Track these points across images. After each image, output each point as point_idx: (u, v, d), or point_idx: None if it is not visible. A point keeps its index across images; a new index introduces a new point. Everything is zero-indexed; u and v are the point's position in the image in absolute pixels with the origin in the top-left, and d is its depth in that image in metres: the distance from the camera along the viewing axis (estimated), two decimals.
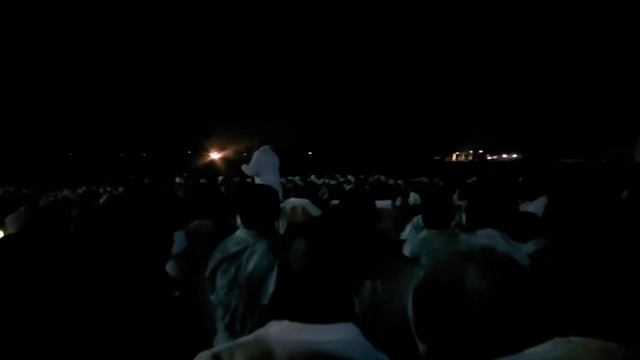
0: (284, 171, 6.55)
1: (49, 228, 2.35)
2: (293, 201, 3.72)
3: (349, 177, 11.36)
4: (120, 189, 10.86)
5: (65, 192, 11.72)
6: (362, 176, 11.91)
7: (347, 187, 8.08)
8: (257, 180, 6.02)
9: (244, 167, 6.26)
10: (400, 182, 10.72)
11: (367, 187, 6.62)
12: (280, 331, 0.97)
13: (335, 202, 3.82)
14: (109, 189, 11.84)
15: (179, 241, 2.38)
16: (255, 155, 6.16)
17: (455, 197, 5.28)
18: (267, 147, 6.20)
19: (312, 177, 12.42)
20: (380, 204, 3.94)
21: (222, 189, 7.78)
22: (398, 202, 5.46)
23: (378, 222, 1.95)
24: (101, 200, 6.70)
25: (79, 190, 11.42)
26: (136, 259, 1.98)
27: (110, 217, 3.21)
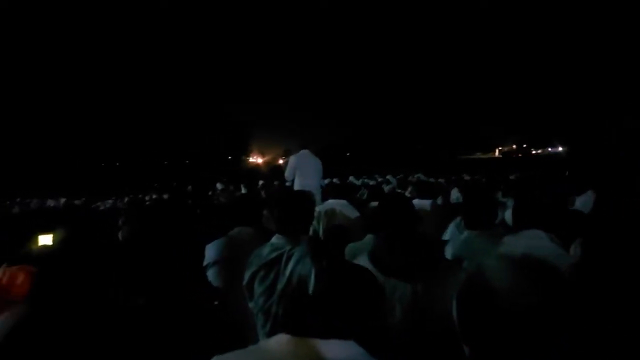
0: (324, 172, 6.46)
1: (93, 240, 2.41)
2: (331, 203, 3.68)
3: (389, 177, 11.22)
4: (165, 196, 11.18)
5: (113, 201, 12.18)
6: (402, 175, 11.76)
7: (386, 188, 7.99)
8: (296, 185, 5.96)
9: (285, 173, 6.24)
10: (441, 180, 10.52)
11: (409, 187, 6.50)
12: (279, 344, 0.96)
13: (375, 203, 3.77)
14: (154, 196, 12.21)
15: (217, 249, 2.41)
16: (291, 159, 6.09)
17: (499, 194, 5.11)
18: (305, 151, 6.10)
19: (351, 178, 12.36)
20: (420, 203, 3.86)
21: (262, 193, 7.85)
22: (439, 201, 5.35)
23: (418, 223, 1.91)
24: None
25: (126, 199, 11.82)
26: (176, 267, 2.01)
27: (151, 227, 3.29)
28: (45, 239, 3.06)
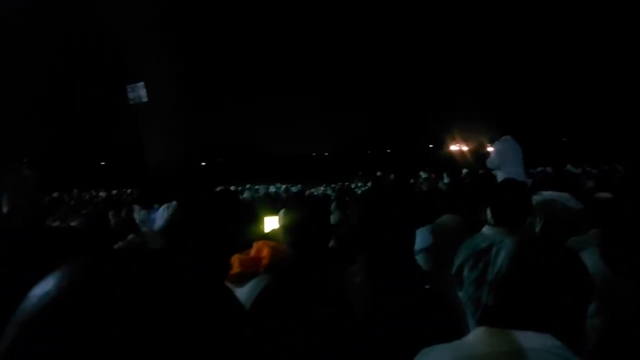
0: (534, 160, 6.10)
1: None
2: (549, 194, 3.39)
3: (617, 166, 9.73)
4: (369, 184, 11.70)
5: (324, 188, 13.27)
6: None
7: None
8: (500, 173, 5.75)
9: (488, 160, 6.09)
10: None
11: None
12: (477, 336, 0.97)
13: (603, 194, 3.35)
14: (360, 184, 12.90)
15: (426, 235, 2.44)
16: (496, 146, 5.93)
17: None
18: (508, 137, 5.90)
19: (569, 167, 11.13)
20: None
21: (467, 182, 7.64)
22: None
23: None
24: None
25: (334, 186, 12.73)
26: (388, 251, 2.12)
27: (362, 214, 3.49)
28: (271, 221, 3.50)
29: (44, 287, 0.41)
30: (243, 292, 1.52)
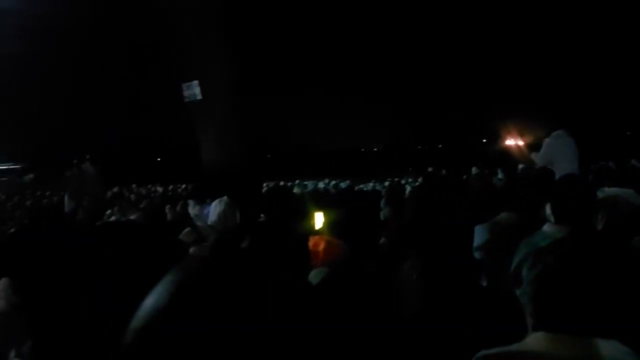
0: (596, 154, 5.77)
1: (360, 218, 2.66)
2: (612, 191, 3.22)
3: None
4: (420, 180, 11.55)
5: (374, 184, 13.22)
6: None
7: None
8: (555, 170, 5.48)
9: (533, 155, 5.83)
10: None
11: None
12: (537, 340, 0.92)
13: None
14: (410, 180, 12.75)
15: (484, 232, 2.39)
16: (546, 142, 5.64)
17: None
18: (560, 132, 5.60)
19: (633, 161, 10.51)
20: None
21: (523, 178, 7.38)
22: None
23: None
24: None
25: (386, 183, 12.64)
26: (442, 249, 2.08)
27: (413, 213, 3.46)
28: (319, 216, 3.54)
29: (156, 294, 0.45)
30: None
